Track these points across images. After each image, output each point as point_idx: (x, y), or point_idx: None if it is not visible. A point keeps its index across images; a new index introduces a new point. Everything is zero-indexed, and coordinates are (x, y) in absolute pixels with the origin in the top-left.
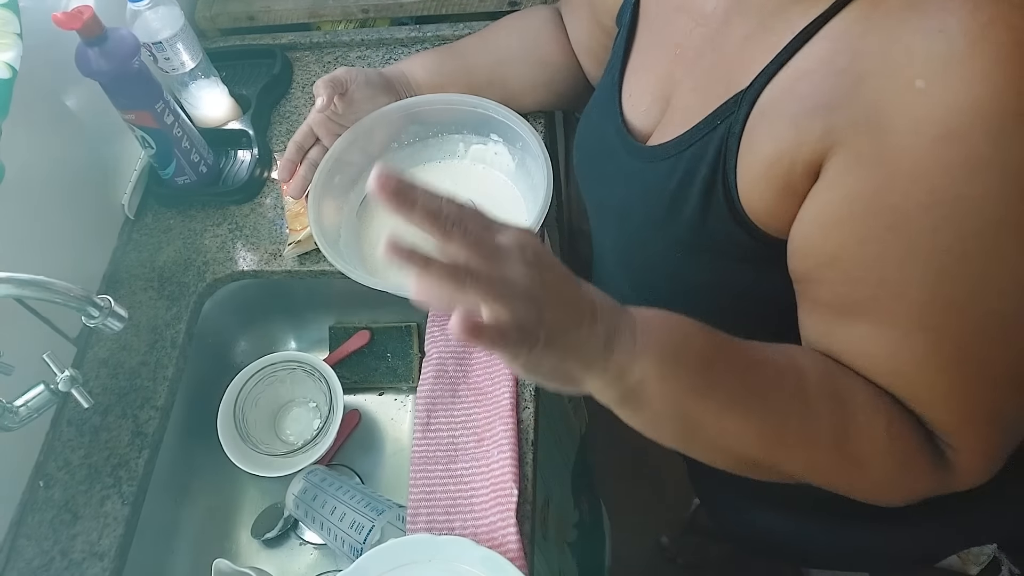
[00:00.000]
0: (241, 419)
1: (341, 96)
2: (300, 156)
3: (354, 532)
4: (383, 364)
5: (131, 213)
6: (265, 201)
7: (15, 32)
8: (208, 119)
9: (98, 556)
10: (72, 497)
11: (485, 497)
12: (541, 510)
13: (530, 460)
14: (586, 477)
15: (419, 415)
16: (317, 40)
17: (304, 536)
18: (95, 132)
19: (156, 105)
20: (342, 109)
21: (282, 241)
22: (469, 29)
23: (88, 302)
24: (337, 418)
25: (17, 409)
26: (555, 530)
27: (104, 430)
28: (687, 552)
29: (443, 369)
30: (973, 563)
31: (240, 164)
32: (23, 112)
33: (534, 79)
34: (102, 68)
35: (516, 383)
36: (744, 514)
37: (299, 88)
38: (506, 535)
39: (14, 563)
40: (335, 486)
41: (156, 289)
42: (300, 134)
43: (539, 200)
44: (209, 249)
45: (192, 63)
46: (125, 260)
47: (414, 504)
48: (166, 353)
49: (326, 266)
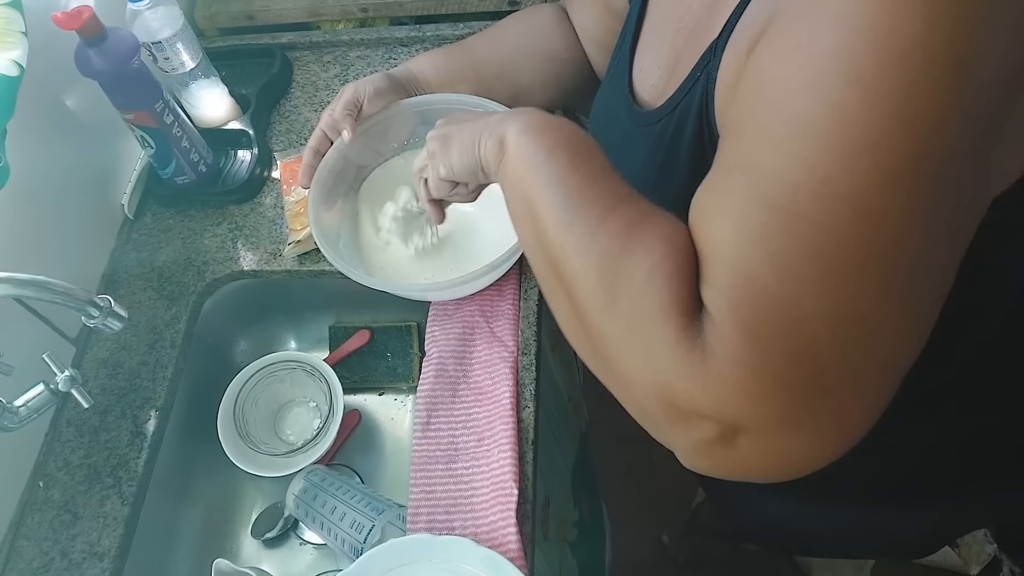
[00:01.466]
0: (241, 419)
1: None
2: (318, 160)
3: (354, 532)
4: (383, 364)
5: (131, 213)
6: (265, 201)
7: (20, 30)
8: (208, 119)
9: (98, 556)
10: (72, 497)
11: (485, 497)
12: (541, 510)
13: (530, 460)
14: (586, 477)
15: (419, 414)
16: (317, 39)
17: (304, 536)
18: (95, 132)
19: (156, 105)
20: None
21: (282, 241)
22: (469, 29)
23: (88, 302)
24: (337, 418)
25: (17, 409)
26: (555, 530)
27: (104, 430)
28: (687, 552)
29: (443, 368)
30: (974, 562)
31: (240, 164)
32: (23, 112)
33: (544, 74)
34: (102, 68)
35: (516, 383)
36: (749, 501)
37: (299, 88)
38: (506, 535)
39: (14, 563)
40: (335, 486)
41: (156, 289)
42: (315, 139)
43: None
44: (209, 249)
45: (192, 63)
46: (125, 260)
47: (414, 504)
48: (166, 353)
49: (326, 266)
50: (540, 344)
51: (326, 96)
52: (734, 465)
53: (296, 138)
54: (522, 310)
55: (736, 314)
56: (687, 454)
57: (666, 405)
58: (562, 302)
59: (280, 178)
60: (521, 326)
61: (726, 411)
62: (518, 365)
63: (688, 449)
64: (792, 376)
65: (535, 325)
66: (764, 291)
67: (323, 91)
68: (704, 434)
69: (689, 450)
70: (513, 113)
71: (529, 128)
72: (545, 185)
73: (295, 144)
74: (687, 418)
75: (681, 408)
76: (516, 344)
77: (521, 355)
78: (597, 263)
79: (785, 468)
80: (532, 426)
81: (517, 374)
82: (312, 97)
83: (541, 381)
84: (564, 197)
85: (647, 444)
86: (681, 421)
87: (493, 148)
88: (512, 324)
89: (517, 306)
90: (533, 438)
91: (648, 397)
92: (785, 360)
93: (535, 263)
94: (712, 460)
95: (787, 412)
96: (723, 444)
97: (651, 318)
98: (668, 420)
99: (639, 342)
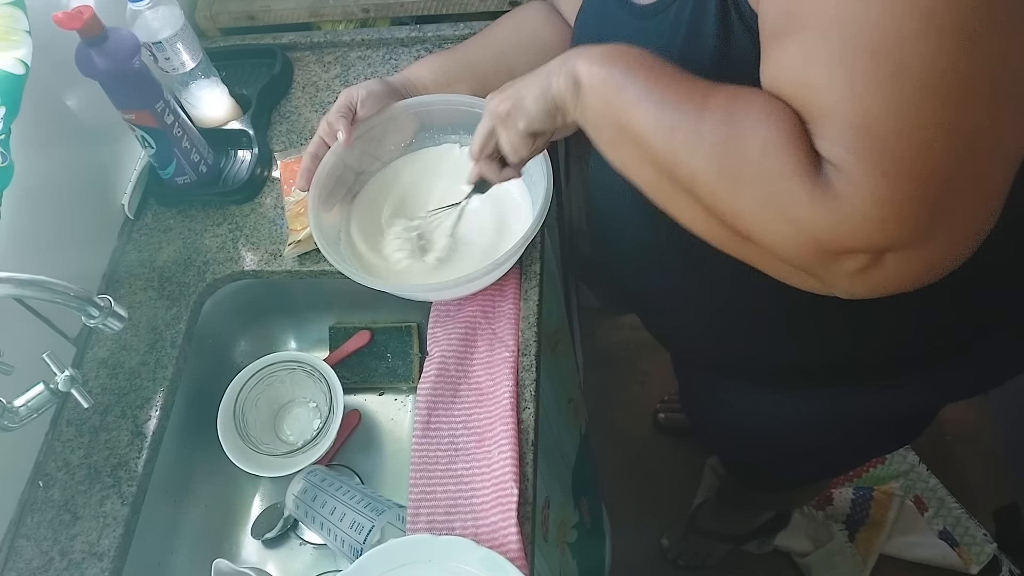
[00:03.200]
0: (241, 419)
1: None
2: (316, 165)
3: (354, 532)
4: (383, 364)
5: (131, 213)
6: (265, 201)
7: (24, 29)
8: (208, 119)
9: (98, 556)
10: (72, 497)
11: (486, 497)
12: (541, 510)
13: (530, 460)
14: (586, 477)
15: (419, 414)
16: (317, 40)
17: (304, 536)
18: (95, 132)
19: (156, 105)
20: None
21: (282, 241)
22: (470, 29)
23: (88, 302)
24: (337, 418)
25: (17, 409)
26: (555, 530)
27: (104, 430)
28: (687, 553)
29: (445, 368)
30: (974, 562)
31: (240, 164)
32: (24, 112)
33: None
34: (102, 68)
35: (516, 383)
36: (725, 394)
37: (299, 88)
38: (507, 535)
39: (13, 563)
40: (335, 486)
41: (156, 289)
42: (314, 145)
43: (539, 200)
44: (209, 249)
45: (192, 63)
46: (125, 260)
47: (414, 504)
48: (166, 353)
49: (326, 266)
50: (540, 344)
51: (327, 96)
52: (888, 282)
53: (297, 138)
54: (522, 310)
55: (862, 157)
56: (844, 286)
57: (818, 254)
58: (686, 204)
59: (280, 178)
60: (521, 327)
61: (872, 240)
62: (518, 365)
63: (844, 282)
64: (924, 195)
65: (535, 326)
66: (885, 131)
67: (324, 91)
68: (857, 264)
69: (846, 282)
70: (571, 53)
71: (596, 59)
72: (634, 103)
73: (295, 144)
74: (838, 257)
75: (831, 251)
76: (517, 344)
77: (521, 355)
78: (711, 154)
79: (929, 273)
80: (532, 427)
81: (517, 375)
82: (313, 97)
83: (541, 382)
84: (656, 107)
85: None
86: (834, 261)
87: (567, 85)
88: (513, 324)
89: (518, 305)
90: (533, 439)
91: (799, 254)
92: (916, 184)
93: (644, 180)
94: (868, 283)
95: (926, 226)
96: (875, 267)
97: (780, 186)
98: (822, 265)
99: (776, 211)
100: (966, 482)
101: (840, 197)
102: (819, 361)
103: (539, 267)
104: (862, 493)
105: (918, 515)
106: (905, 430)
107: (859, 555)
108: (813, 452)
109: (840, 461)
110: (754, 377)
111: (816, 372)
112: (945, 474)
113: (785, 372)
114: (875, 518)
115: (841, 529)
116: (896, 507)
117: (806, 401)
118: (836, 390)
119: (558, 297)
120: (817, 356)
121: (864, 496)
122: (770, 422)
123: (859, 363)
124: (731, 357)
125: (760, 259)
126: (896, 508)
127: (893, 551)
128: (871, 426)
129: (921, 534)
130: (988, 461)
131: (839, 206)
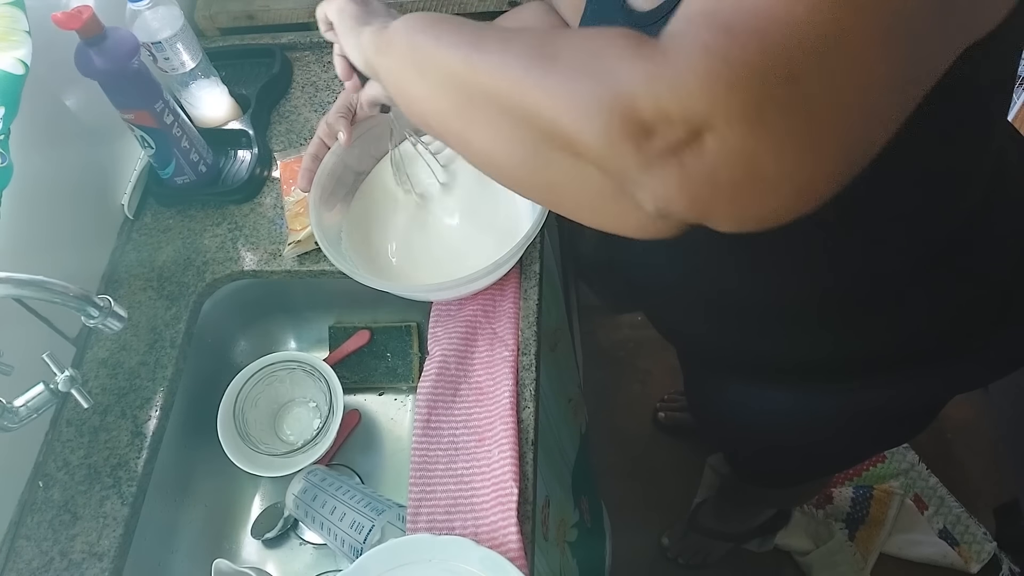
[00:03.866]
0: (241, 419)
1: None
2: (316, 165)
3: (354, 532)
4: (383, 364)
5: (130, 213)
6: (265, 201)
7: (24, 29)
8: (208, 119)
9: (98, 556)
10: (71, 497)
11: (486, 497)
12: (541, 510)
13: (530, 460)
14: (586, 477)
15: (419, 414)
16: (317, 39)
17: (304, 536)
18: (95, 132)
19: (156, 105)
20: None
21: (282, 241)
22: None
23: (88, 302)
24: (337, 418)
25: (17, 409)
26: (555, 530)
27: (104, 430)
28: (688, 551)
29: (446, 368)
30: (974, 560)
31: (240, 164)
32: (23, 112)
33: None
34: (101, 68)
35: (516, 383)
36: (733, 390)
37: (299, 88)
38: (507, 535)
39: (13, 563)
40: (335, 486)
41: (155, 289)
42: (314, 146)
43: None
44: (209, 249)
45: (192, 63)
46: (124, 260)
47: (414, 504)
48: (165, 353)
49: (326, 266)
50: (540, 344)
51: (326, 96)
52: (706, 178)
53: (296, 138)
54: (522, 310)
55: (707, 16)
56: (656, 187)
57: (630, 123)
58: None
59: (280, 178)
60: (521, 326)
61: (693, 102)
62: (518, 365)
63: (656, 172)
64: (764, 66)
65: (535, 325)
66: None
67: (323, 91)
68: (669, 139)
69: (658, 173)
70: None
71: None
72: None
73: (295, 144)
74: (652, 129)
75: (645, 120)
76: (517, 344)
77: (521, 355)
78: (522, 54)
79: (753, 184)
80: (532, 426)
81: (517, 374)
82: (312, 97)
83: (541, 381)
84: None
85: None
86: (645, 137)
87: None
88: (514, 323)
89: (518, 305)
90: (533, 438)
91: (609, 127)
92: (756, 53)
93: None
94: (682, 175)
95: (757, 103)
96: (692, 151)
97: (599, 49)
98: (634, 144)
99: (590, 74)
100: (966, 480)
101: (668, 51)
102: (829, 356)
103: (539, 267)
104: (862, 492)
105: (918, 514)
106: (912, 424)
107: (859, 554)
108: (819, 446)
109: (846, 455)
110: (762, 372)
111: (825, 367)
112: (945, 473)
113: (795, 367)
114: (875, 517)
115: (841, 528)
116: (896, 506)
117: (815, 396)
118: (844, 385)
119: (558, 296)
120: (827, 351)
121: (864, 495)
122: (778, 417)
123: (868, 358)
124: (740, 352)
125: (564, 178)
126: (896, 507)
127: (893, 550)
128: (878, 420)
129: (921, 532)
130: (988, 460)
131: (664, 58)
